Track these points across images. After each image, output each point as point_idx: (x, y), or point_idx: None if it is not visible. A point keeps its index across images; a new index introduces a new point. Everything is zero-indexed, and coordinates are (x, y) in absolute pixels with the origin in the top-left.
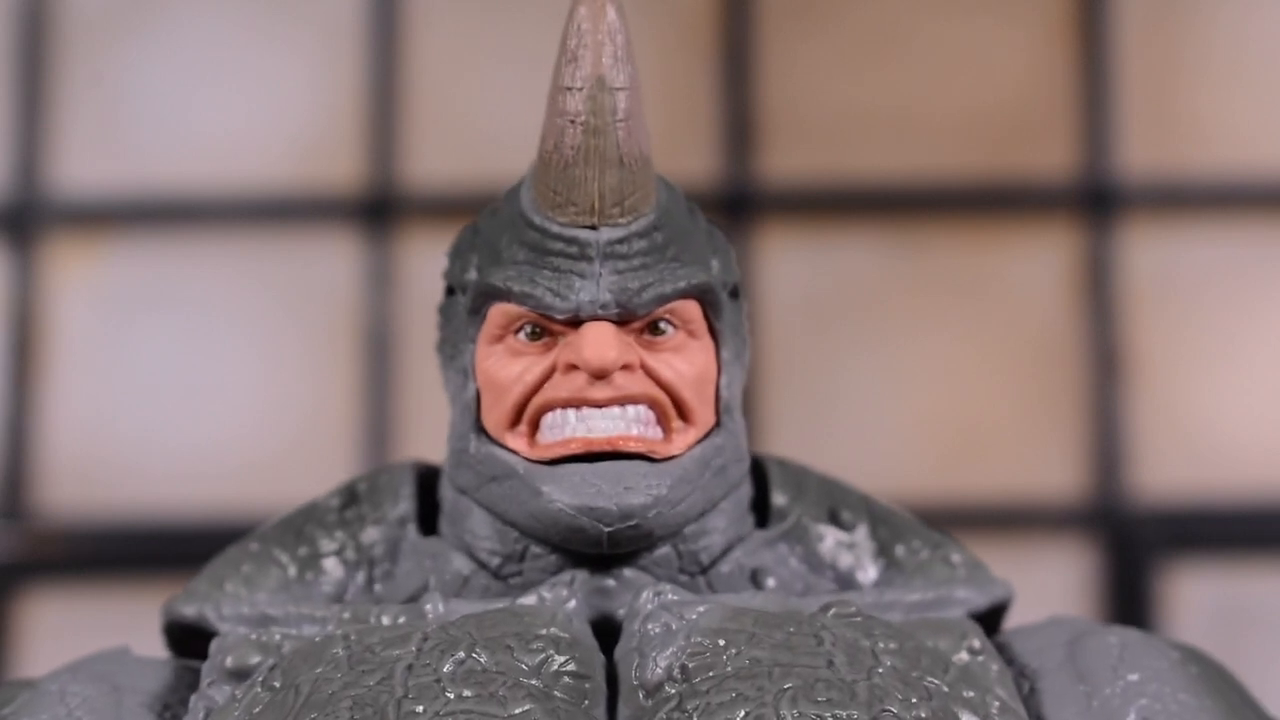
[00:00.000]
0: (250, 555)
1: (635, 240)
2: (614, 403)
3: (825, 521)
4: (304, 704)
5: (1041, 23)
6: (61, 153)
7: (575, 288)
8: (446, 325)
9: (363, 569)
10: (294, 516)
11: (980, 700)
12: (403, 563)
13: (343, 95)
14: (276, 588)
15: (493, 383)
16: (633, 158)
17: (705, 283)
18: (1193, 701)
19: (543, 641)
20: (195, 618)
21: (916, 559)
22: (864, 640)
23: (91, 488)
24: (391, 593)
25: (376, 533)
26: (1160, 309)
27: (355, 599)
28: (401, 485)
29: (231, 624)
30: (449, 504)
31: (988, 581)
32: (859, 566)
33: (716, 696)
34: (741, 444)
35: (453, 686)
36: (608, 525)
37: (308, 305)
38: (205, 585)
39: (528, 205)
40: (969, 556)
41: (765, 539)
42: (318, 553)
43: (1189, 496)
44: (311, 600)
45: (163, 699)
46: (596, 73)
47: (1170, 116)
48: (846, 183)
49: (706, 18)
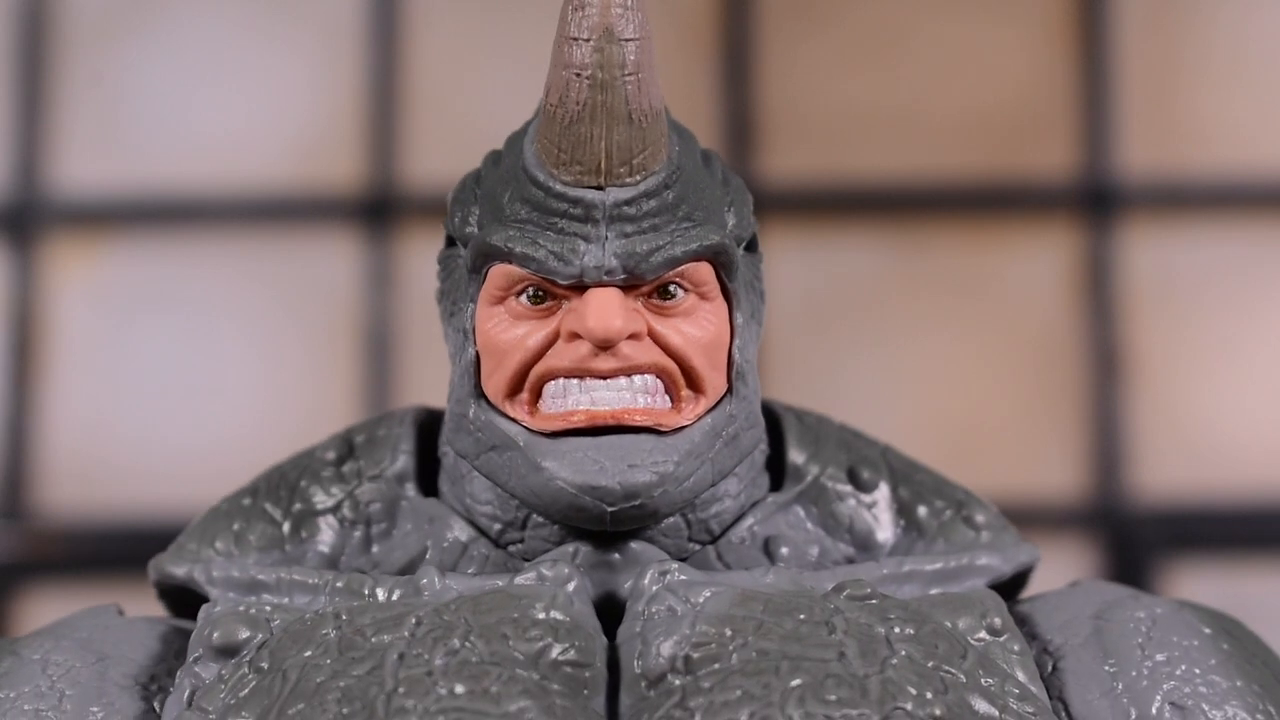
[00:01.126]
0: (241, 510)
1: (644, 201)
2: (619, 373)
3: (844, 481)
4: (291, 692)
5: (1041, 23)
6: (61, 153)
7: (580, 251)
8: (446, 278)
9: (359, 528)
10: (288, 469)
11: (999, 688)
12: (401, 523)
13: (343, 95)
14: (268, 546)
15: (493, 347)
16: (643, 113)
17: (718, 243)
18: (1224, 683)
19: (540, 628)
20: (184, 579)
21: (939, 520)
22: (878, 627)
23: (91, 488)
24: (388, 554)
25: (374, 490)
26: (1160, 309)
27: (351, 559)
28: (401, 440)
29: (221, 588)
30: (449, 463)
31: (1012, 545)
32: (878, 527)
33: (721, 694)
34: (755, 409)
35: (445, 680)
36: (610, 505)
37: (308, 305)
38: (195, 543)
39: (531, 160)
40: (993, 516)
41: (780, 503)
42: (312, 509)
43: (1189, 496)
44: (304, 562)
45: (149, 670)
46: (605, 22)
47: (1170, 116)
48: (846, 183)
49: (706, 18)
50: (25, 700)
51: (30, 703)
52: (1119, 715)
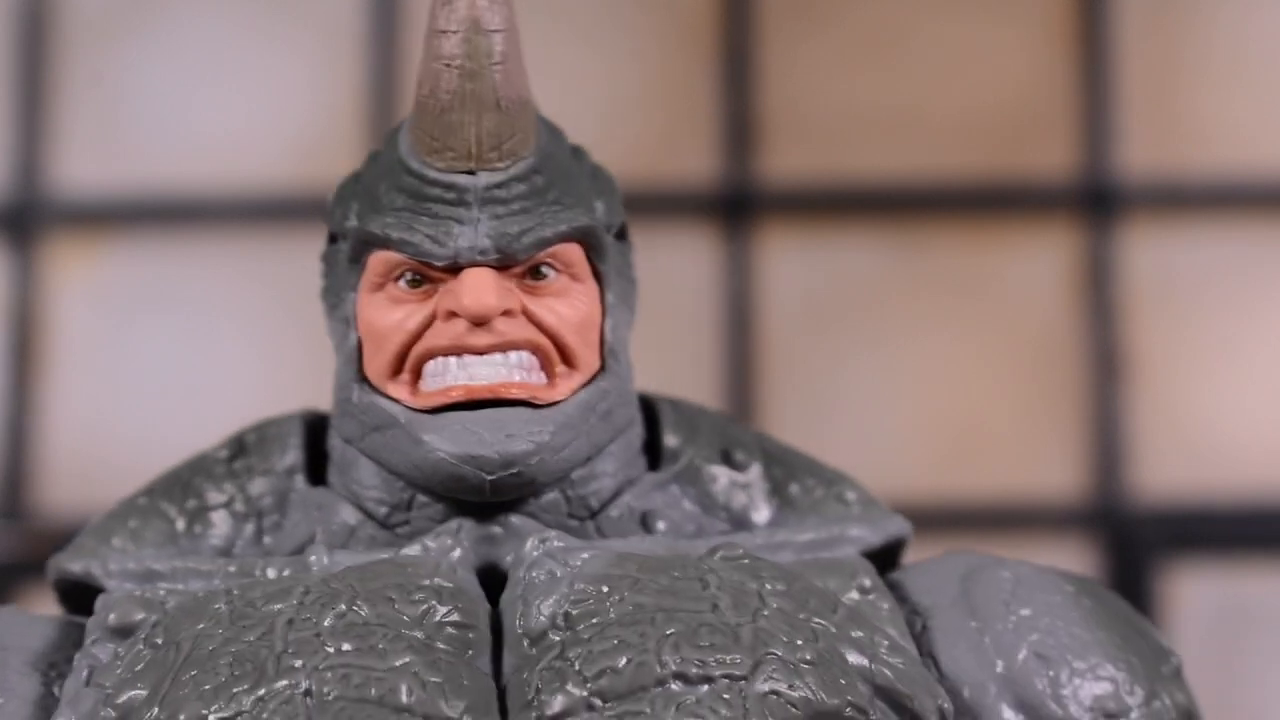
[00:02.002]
0: (138, 509)
1: (514, 184)
2: (495, 349)
3: (718, 462)
4: (184, 661)
5: (1041, 23)
6: (61, 153)
7: (454, 234)
8: (329, 274)
9: (251, 521)
10: (181, 469)
11: (869, 639)
12: (291, 514)
13: (343, 95)
14: (164, 541)
15: (374, 331)
16: (510, 100)
17: (587, 225)
18: (1085, 635)
19: (425, 592)
20: (82, 574)
21: (811, 497)
22: (750, 583)
23: (91, 488)
24: (280, 544)
25: (265, 484)
26: (1160, 309)
27: (244, 551)
28: (289, 435)
29: (118, 580)
30: (337, 453)
31: (882, 518)
32: (753, 506)
33: (599, 644)
34: (628, 388)
35: (332, 640)
36: (489, 473)
37: (308, 305)
38: (92, 541)
39: (405, 150)
40: (864, 494)
41: (656, 481)
42: (205, 505)
43: (1189, 496)
44: (199, 554)
45: (48, 657)
46: (471, 15)
47: (1170, 116)
48: (846, 183)
49: (706, 18)
50: None
51: None
52: (986, 667)
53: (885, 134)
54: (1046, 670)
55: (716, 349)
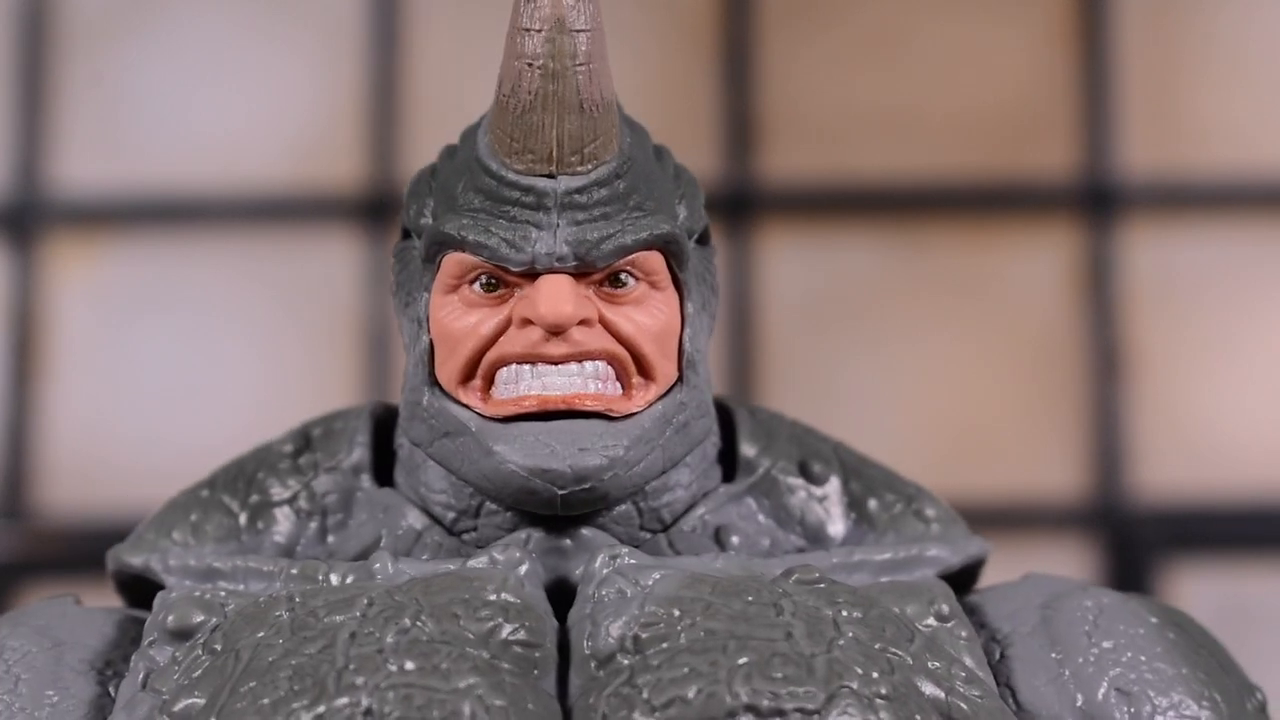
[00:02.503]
0: (199, 502)
1: (595, 189)
2: (570, 359)
3: (795, 474)
4: (244, 671)
5: (1042, 23)
6: (61, 153)
7: (531, 239)
8: (401, 270)
9: (315, 519)
10: (245, 461)
11: (945, 671)
12: (356, 514)
13: (343, 95)
14: (225, 536)
15: (446, 335)
16: (594, 103)
17: (669, 233)
18: (1169, 670)
19: (491, 609)
20: (141, 568)
21: (889, 514)
22: (826, 609)
23: (91, 488)
24: (343, 544)
25: (330, 482)
26: (1160, 309)
27: (307, 549)
28: (356, 433)
29: (178, 577)
30: (404, 453)
31: (961, 538)
32: (829, 521)
33: (668, 671)
34: (705, 399)
35: (395, 657)
36: (561, 488)
37: (308, 305)
38: (153, 533)
39: (484, 150)
40: (944, 510)
41: (731, 493)
42: (269, 501)
43: (1189, 496)
44: (260, 552)
45: (105, 655)
46: (556, 13)
47: (1170, 116)
48: (846, 183)
49: (706, 18)
50: None
51: None
52: (1065, 701)
53: (885, 134)
54: (1128, 707)
55: (717, 348)
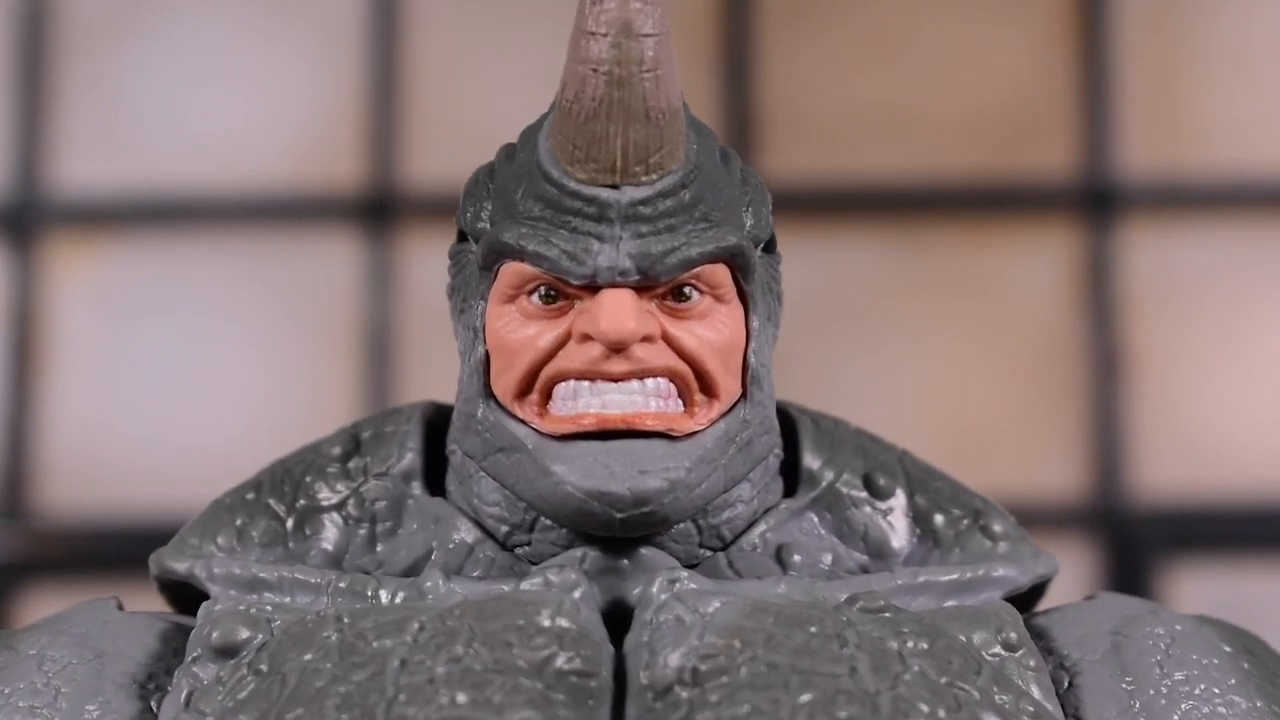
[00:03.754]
0: (245, 505)
1: (660, 200)
2: (632, 376)
3: (860, 488)
4: (290, 696)
5: (1042, 23)
6: (61, 153)
7: (593, 251)
8: (457, 273)
9: (364, 526)
10: (291, 463)
11: (1014, 705)
12: (407, 522)
13: (343, 95)
14: (271, 542)
15: (503, 347)
16: (660, 111)
17: (736, 245)
18: (1243, 703)
19: (545, 636)
20: (185, 575)
21: (955, 529)
22: (891, 641)
23: (91, 488)
24: (393, 553)
25: (380, 488)
26: (1160, 309)
27: (355, 558)
28: (408, 437)
29: (222, 585)
30: (457, 461)
31: (1030, 556)
32: (893, 535)
33: (728, 709)
34: (769, 414)
35: (447, 688)
36: (620, 511)
37: (308, 305)
38: (196, 538)
39: (545, 156)
40: (1011, 525)
41: (793, 509)
42: (316, 506)
43: (1189, 496)
44: (307, 560)
45: (147, 668)
46: (623, 17)
47: (1170, 116)
48: (846, 183)
49: (706, 18)
50: (20, 697)
51: (25, 699)
52: None
53: (885, 134)
54: None
55: None
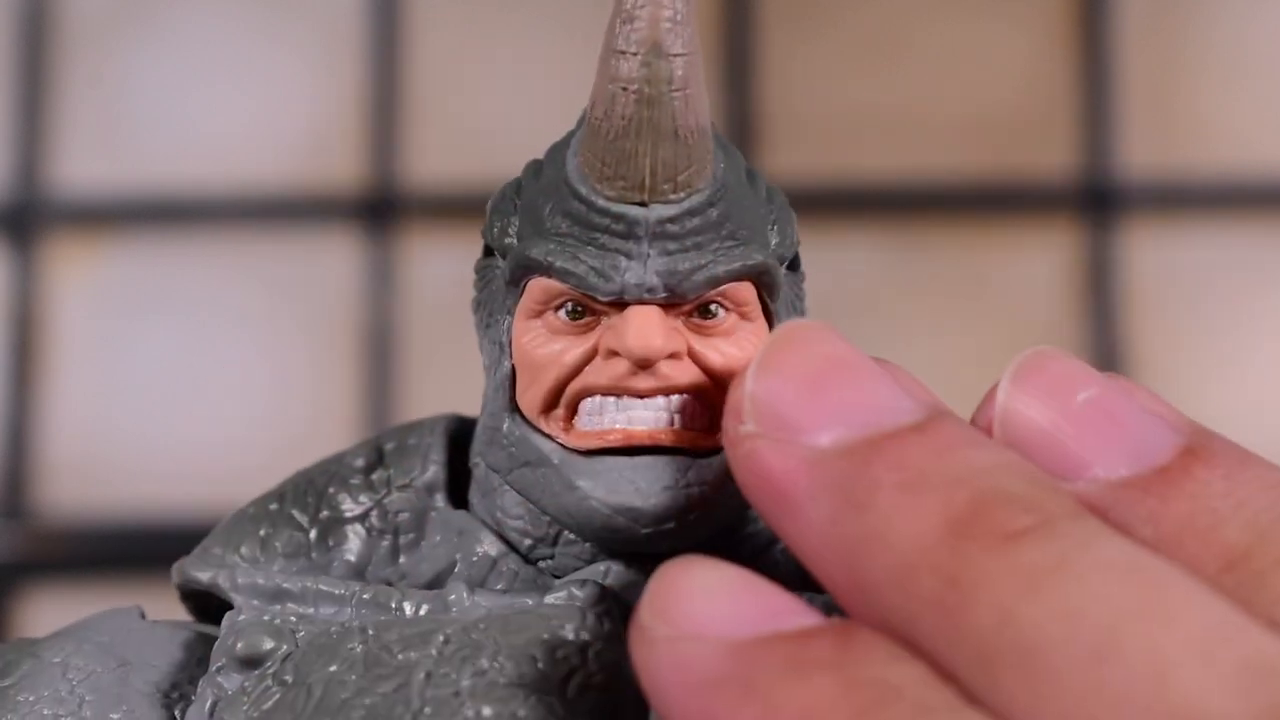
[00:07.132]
0: (269, 515)
1: (688, 219)
2: (658, 393)
3: None
4: (316, 707)
5: (1042, 23)
6: (61, 153)
7: (621, 268)
8: (484, 288)
9: (388, 537)
10: (315, 474)
11: None
12: (430, 535)
13: (343, 95)
14: (294, 553)
15: (529, 362)
16: (689, 130)
17: (762, 263)
18: None
19: (569, 649)
20: (208, 584)
21: None
22: None
23: (91, 487)
24: (416, 565)
25: (403, 500)
26: (1161, 309)
27: (378, 569)
28: (431, 450)
29: (246, 595)
30: (480, 474)
31: None
32: None
33: None
34: None
35: (472, 702)
36: (645, 526)
37: (308, 305)
38: (220, 547)
39: (573, 173)
40: None
41: None
42: (340, 517)
43: None
44: (331, 571)
45: (171, 678)
46: (653, 37)
47: (1171, 116)
48: (847, 183)
49: (706, 18)
50: (45, 704)
51: (50, 707)
52: None
53: (885, 134)
54: None
55: None
